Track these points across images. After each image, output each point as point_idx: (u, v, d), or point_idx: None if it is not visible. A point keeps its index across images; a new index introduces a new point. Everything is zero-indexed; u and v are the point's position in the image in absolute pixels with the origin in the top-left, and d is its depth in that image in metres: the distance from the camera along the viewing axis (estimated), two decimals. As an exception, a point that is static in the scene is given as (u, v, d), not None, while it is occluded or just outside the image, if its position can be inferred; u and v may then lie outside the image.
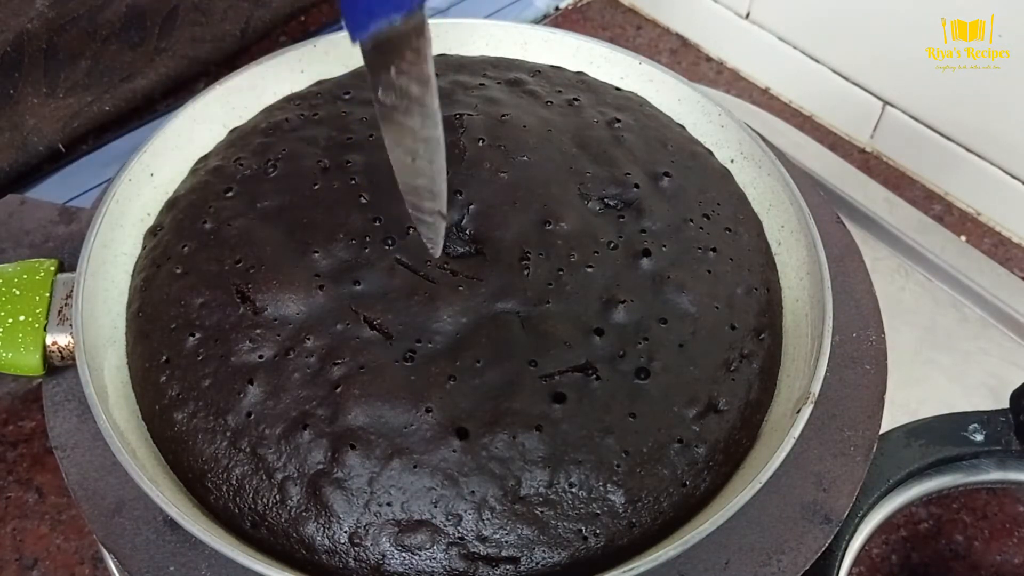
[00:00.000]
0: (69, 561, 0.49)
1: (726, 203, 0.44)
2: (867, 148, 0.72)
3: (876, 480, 0.44)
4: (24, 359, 0.38)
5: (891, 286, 0.64)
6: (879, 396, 0.40)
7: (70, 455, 0.37)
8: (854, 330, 0.42)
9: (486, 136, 0.43)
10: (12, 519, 0.50)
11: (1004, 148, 0.64)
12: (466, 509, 0.34)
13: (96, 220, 0.40)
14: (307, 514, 0.34)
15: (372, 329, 0.37)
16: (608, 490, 0.34)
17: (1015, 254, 0.66)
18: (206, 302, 0.38)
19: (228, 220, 0.40)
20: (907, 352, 0.61)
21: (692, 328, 0.38)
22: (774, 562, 0.35)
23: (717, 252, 0.41)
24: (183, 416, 0.36)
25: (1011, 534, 0.49)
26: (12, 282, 0.39)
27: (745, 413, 0.38)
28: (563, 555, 0.34)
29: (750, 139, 0.46)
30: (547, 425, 0.35)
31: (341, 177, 0.41)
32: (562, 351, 0.36)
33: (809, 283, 0.41)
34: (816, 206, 0.45)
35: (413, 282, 0.38)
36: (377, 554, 0.34)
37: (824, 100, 0.73)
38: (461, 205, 0.40)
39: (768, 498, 0.36)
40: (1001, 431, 0.45)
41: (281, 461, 0.34)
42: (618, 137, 0.44)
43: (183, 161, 0.44)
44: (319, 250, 0.39)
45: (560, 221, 0.40)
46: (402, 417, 0.35)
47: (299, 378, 0.36)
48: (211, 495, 0.35)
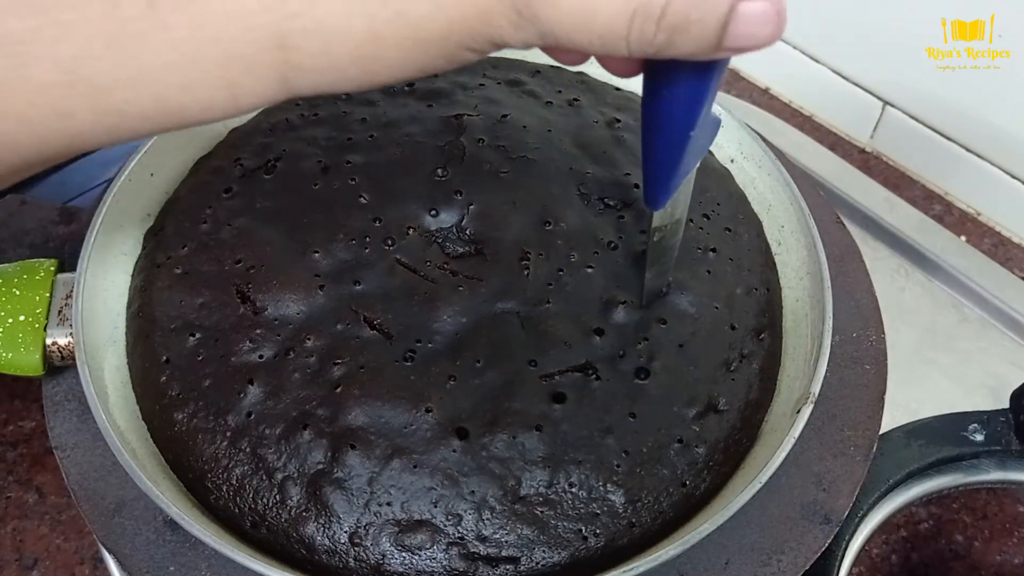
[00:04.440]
0: (69, 561, 0.48)
1: (726, 203, 0.44)
2: (867, 148, 0.72)
3: (876, 480, 0.44)
4: (24, 359, 0.38)
5: (891, 286, 0.64)
6: (879, 396, 0.40)
7: (70, 455, 0.37)
8: (854, 330, 0.42)
9: (486, 136, 0.43)
10: (12, 519, 0.50)
11: (1004, 148, 0.64)
12: (466, 509, 0.34)
13: (96, 220, 0.40)
14: (307, 514, 0.34)
15: (372, 329, 0.37)
16: (608, 490, 0.34)
17: (1015, 254, 0.66)
18: (206, 302, 0.38)
19: (228, 220, 0.40)
20: (907, 352, 0.61)
21: (692, 328, 0.38)
22: (774, 562, 0.36)
23: (717, 252, 0.41)
24: (183, 416, 0.36)
25: (1011, 534, 0.49)
26: (12, 282, 0.39)
27: (745, 413, 0.38)
28: (563, 555, 0.34)
29: (750, 139, 0.46)
30: (547, 425, 0.35)
31: (341, 177, 0.41)
32: (562, 351, 0.36)
33: (809, 283, 0.41)
34: (816, 206, 0.45)
35: (413, 282, 0.38)
36: (377, 554, 0.34)
37: (824, 100, 0.73)
38: (461, 205, 0.40)
39: (768, 498, 0.36)
40: (1001, 431, 0.45)
41: (281, 461, 0.34)
42: (618, 137, 0.44)
43: (183, 161, 0.44)
44: (319, 250, 0.39)
45: (560, 221, 0.40)
46: (402, 417, 0.35)
47: (299, 378, 0.36)
48: (211, 495, 0.35)
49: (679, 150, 0.30)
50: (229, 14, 0.24)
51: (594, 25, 0.23)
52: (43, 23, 0.24)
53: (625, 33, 0.23)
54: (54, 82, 0.24)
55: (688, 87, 0.28)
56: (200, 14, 0.24)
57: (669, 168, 0.32)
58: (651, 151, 0.32)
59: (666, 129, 0.30)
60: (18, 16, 0.24)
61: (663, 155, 0.31)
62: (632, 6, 0.23)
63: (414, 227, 0.40)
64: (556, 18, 0.23)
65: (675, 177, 0.32)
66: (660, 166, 0.32)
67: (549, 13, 0.23)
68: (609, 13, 0.23)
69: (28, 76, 0.24)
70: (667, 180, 0.32)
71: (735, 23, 0.23)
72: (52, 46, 0.24)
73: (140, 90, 0.25)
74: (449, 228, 0.40)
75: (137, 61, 0.24)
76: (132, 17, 0.24)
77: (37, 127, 0.25)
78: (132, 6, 0.24)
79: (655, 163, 0.32)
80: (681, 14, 0.23)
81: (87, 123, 0.25)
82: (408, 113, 0.44)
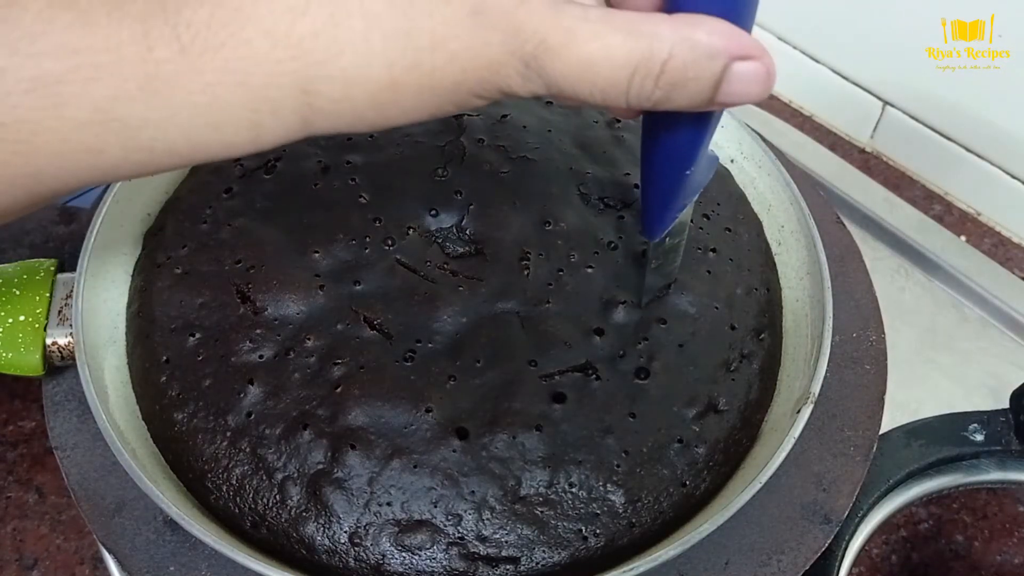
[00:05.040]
0: (69, 561, 0.48)
1: (726, 203, 0.44)
2: (867, 148, 0.72)
3: (876, 480, 0.44)
4: (24, 359, 0.38)
5: (891, 286, 0.64)
6: (879, 396, 0.40)
7: (70, 455, 0.37)
8: (854, 330, 0.42)
9: (486, 136, 0.43)
10: (12, 519, 0.50)
11: (1004, 148, 0.64)
12: (466, 509, 0.34)
13: (96, 220, 0.40)
14: (307, 514, 0.34)
15: (372, 329, 0.37)
16: (608, 490, 0.34)
17: (1015, 254, 0.66)
18: (206, 302, 0.38)
19: (228, 220, 0.40)
20: (907, 352, 0.61)
21: (692, 328, 0.38)
22: (774, 562, 0.36)
23: (717, 252, 0.41)
24: (183, 416, 0.36)
25: (1011, 534, 0.49)
26: (12, 282, 0.39)
27: (745, 413, 0.38)
28: (563, 555, 0.34)
29: (750, 139, 0.46)
30: (547, 425, 0.35)
31: (341, 177, 0.41)
32: (562, 351, 0.36)
33: (809, 283, 0.41)
34: (816, 206, 0.45)
35: (413, 282, 0.38)
36: (377, 554, 0.34)
37: (824, 100, 0.73)
38: (461, 205, 0.40)
39: (768, 498, 0.36)
40: (1001, 431, 0.45)
41: (281, 461, 0.34)
42: (618, 137, 0.44)
43: (183, 161, 0.44)
44: (319, 250, 0.39)
45: (560, 221, 0.40)
46: (402, 417, 0.35)
47: (299, 378, 0.36)
48: (211, 495, 0.35)
49: (676, 187, 0.32)
50: (258, 60, 0.25)
51: (597, 79, 0.25)
52: (80, 64, 0.25)
53: (625, 88, 0.25)
54: (88, 121, 0.25)
55: (685, 132, 0.29)
56: (230, 60, 0.25)
57: (666, 203, 0.33)
58: (649, 187, 0.33)
59: (663, 168, 0.31)
60: (55, 57, 0.25)
61: (660, 191, 0.33)
62: (633, 64, 0.24)
63: (414, 227, 0.40)
64: (561, 72, 0.24)
65: (671, 211, 0.34)
66: (657, 201, 0.33)
67: (555, 66, 0.24)
68: (611, 69, 0.24)
69: (64, 115, 0.25)
70: (664, 214, 0.34)
71: (728, 81, 0.25)
72: (87, 86, 0.25)
73: (170, 129, 0.26)
74: (449, 228, 0.40)
75: (169, 103, 0.25)
76: (165, 59, 0.25)
77: (67, 162, 0.26)
78: (165, 48, 0.25)
79: (652, 198, 0.33)
80: (679, 72, 0.24)
81: (117, 159, 0.26)
82: (408, 113, 0.44)
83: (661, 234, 0.35)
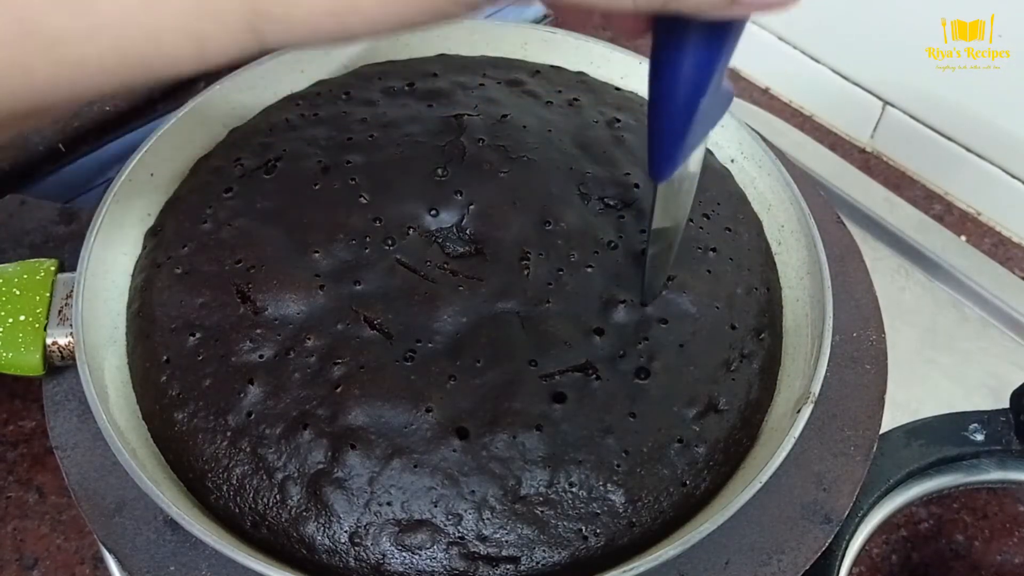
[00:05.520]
0: (69, 561, 0.48)
1: (726, 203, 0.44)
2: (867, 148, 0.72)
3: (876, 480, 0.44)
4: (24, 359, 0.38)
5: (891, 286, 0.64)
6: (879, 396, 0.40)
7: (70, 455, 0.37)
8: (854, 330, 0.42)
9: (486, 136, 0.43)
10: (12, 519, 0.49)
11: (1004, 148, 0.64)
12: (466, 509, 0.34)
13: (96, 220, 0.40)
14: (307, 514, 0.34)
15: (372, 329, 0.37)
16: (608, 490, 0.34)
17: (1015, 254, 0.66)
18: (206, 302, 0.38)
19: (228, 220, 0.40)
20: (907, 352, 0.61)
21: (692, 328, 0.38)
22: (774, 562, 0.36)
23: (717, 252, 0.41)
24: (183, 416, 0.36)
25: (1011, 534, 0.49)
26: (12, 282, 0.39)
27: (745, 413, 0.38)
28: (563, 555, 0.34)
29: (750, 139, 0.46)
30: (547, 425, 0.35)
31: (341, 177, 0.41)
32: (562, 351, 0.36)
33: (809, 283, 0.41)
34: (816, 206, 0.45)
35: (413, 282, 0.38)
36: (377, 554, 0.34)
37: (824, 100, 0.73)
38: (461, 205, 0.40)
39: (768, 498, 0.36)
40: (1001, 431, 0.45)
41: (281, 461, 0.34)
42: (618, 137, 0.44)
43: (183, 161, 0.44)
44: (319, 250, 0.39)
45: (560, 221, 0.40)
46: (402, 417, 0.35)
47: (299, 378, 0.36)
48: (211, 495, 0.35)
49: (687, 118, 0.29)
50: None
51: None
52: None
53: None
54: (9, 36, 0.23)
55: (699, 50, 0.26)
56: None
57: (676, 138, 0.30)
58: (658, 119, 0.30)
59: (674, 95, 0.28)
60: None
61: (670, 123, 0.29)
62: None
63: (414, 227, 0.40)
64: None
65: (682, 148, 0.31)
66: (666, 135, 0.30)
67: None
68: None
69: None
70: (673, 150, 0.31)
71: None
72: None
73: (101, 42, 0.23)
74: (449, 228, 0.40)
75: (94, 8, 0.23)
76: None
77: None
78: None
79: (661, 132, 0.30)
80: None
81: (47, 77, 0.24)
82: (408, 113, 0.44)
83: (670, 174, 0.32)
